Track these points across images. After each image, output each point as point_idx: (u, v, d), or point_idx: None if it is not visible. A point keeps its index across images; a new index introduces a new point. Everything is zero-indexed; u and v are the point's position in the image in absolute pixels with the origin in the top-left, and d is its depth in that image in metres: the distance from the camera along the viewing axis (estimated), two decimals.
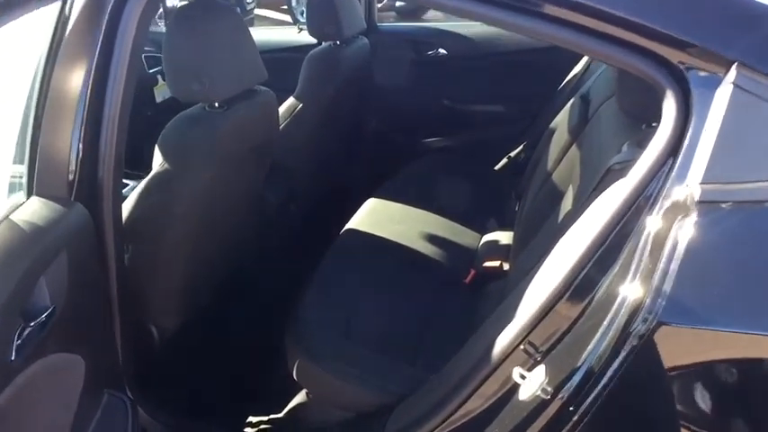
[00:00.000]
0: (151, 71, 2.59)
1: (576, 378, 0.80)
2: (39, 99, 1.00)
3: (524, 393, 0.86)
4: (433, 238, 1.86)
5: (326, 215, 2.10)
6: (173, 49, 1.34)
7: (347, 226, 1.87)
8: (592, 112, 1.41)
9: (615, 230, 0.83)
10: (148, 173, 1.36)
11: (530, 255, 1.37)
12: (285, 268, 1.79)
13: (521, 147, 2.40)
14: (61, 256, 0.95)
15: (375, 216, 1.95)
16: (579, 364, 0.80)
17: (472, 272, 1.71)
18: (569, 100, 1.90)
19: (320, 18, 2.03)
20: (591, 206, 0.93)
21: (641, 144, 0.92)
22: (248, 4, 5.26)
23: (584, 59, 2.14)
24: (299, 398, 1.54)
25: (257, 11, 5.96)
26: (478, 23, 2.37)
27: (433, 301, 1.59)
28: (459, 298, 1.66)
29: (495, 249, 1.81)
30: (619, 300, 0.79)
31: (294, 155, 2.00)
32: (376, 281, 1.62)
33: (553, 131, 1.83)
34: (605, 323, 0.80)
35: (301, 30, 2.62)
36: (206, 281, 1.57)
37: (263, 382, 1.61)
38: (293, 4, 5.61)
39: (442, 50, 2.46)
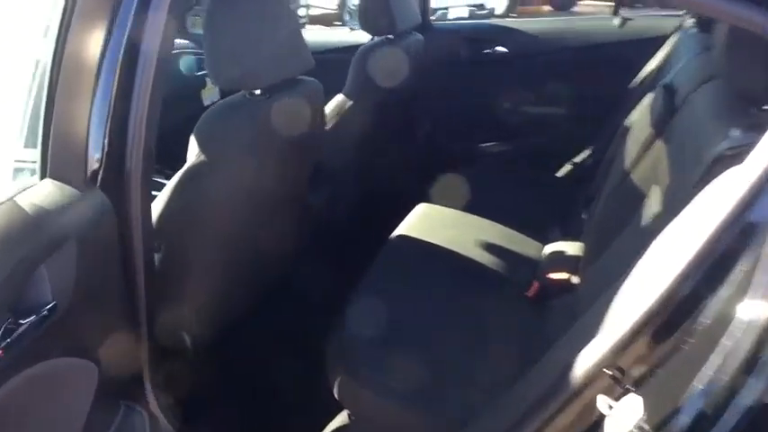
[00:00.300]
0: (199, 73, 2.52)
1: (686, 416, 0.62)
2: (53, 68, 0.88)
3: (613, 427, 0.69)
4: (490, 247, 1.70)
5: (373, 221, 1.96)
6: (213, 31, 1.24)
7: (396, 232, 1.72)
8: (680, 102, 1.23)
9: (734, 227, 0.65)
10: None
11: (606, 266, 1.19)
12: (327, 277, 1.65)
13: (587, 151, 2.21)
14: (68, 245, 0.84)
15: (427, 222, 1.80)
16: (690, 398, 0.63)
17: (535, 284, 1.53)
18: (644, 95, 1.70)
19: (372, 9, 1.91)
20: (695, 201, 0.76)
21: (756, 127, 0.75)
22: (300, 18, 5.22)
23: (664, 51, 1.94)
24: (341, 418, 1.40)
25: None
26: (541, 19, 2.22)
27: (490, 316, 1.42)
28: (521, 313, 1.48)
29: (560, 260, 1.63)
30: (742, 317, 0.62)
31: (341, 156, 1.88)
32: (427, 292, 1.47)
33: (628, 129, 1.64)
34: (724, 347, 0.62)
35: (353, 29, 2.51)
36: (243, 287, 1.45)
37: (302, 399, 1.47)
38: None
39: (500, 48, 2.30)
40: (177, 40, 2.15)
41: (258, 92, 1.28)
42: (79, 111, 0.92)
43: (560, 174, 2.27)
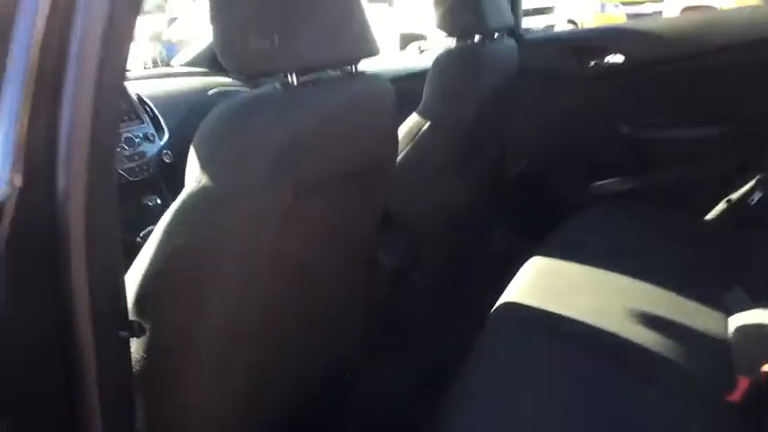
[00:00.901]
0: None
1: None
2: None
3: None
4: (647, 319, 1.13)
5: (463, 286, 1.45)
6: None
7: (505, 298, 1.19)
8: None
9: None
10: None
11: None
12: (406, 367, 1.13)
13: (750, 183, 1.62)
14: None
15: (546, 282, 1.25)
16: None
17: (743, 382, 0.95)
18: None
19: (456, 4, 1.44)
20: None
21: None
22: None
23: None
24: None
25: None
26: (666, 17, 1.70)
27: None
28: (724, 430, 0.90)
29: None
30: None
31: (417, 195, 1.39)
32: (564, 395, 0.92)
33: None
34: None
35: (423, 51, 2.06)
36: (275, 396, 0.95)
37: None
38: None
39: (614, 58, 1.78)
40: None
41: (293, 80, 0.81)
42: None
43: (711, 216, 1.69)
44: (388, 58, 2.42)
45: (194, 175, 0.75)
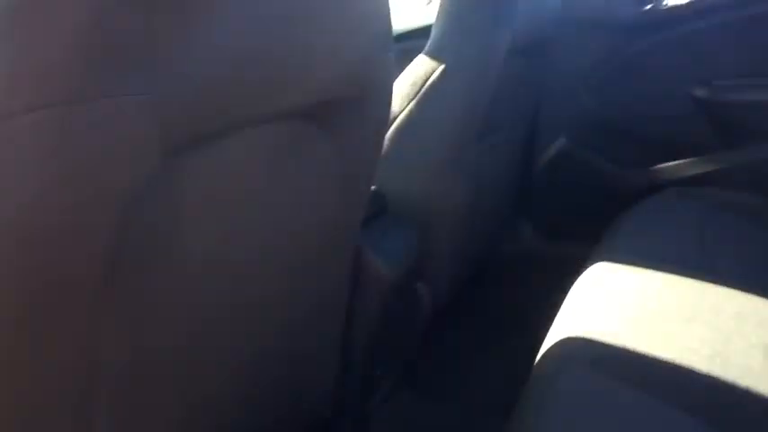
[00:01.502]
0: None
1: None
2: None
3: None
4: (762, 356, 0.70)
5: (485, 303, 1.04)
6: None
7: (559, 328, 0.77)
8: None
9: None
10: None
11: None
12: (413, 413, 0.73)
13: None
14: None
15: (614, 304, 0.82)
16: None
17: None
18: None
19: None
20: None
21: None
22: None
23: None
24: None
25: None
26: None
27: None
28: None
29: None
30: None
31: (422, 175, 0.99)
32: None
33: None
34: None
35: (431, 1, 1.64)
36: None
37: None
38: None
39: None
40: None
41: None
42: None
43: None
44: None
45: None
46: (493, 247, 1.45)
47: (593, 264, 0.95)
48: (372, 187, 0.98)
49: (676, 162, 1.39)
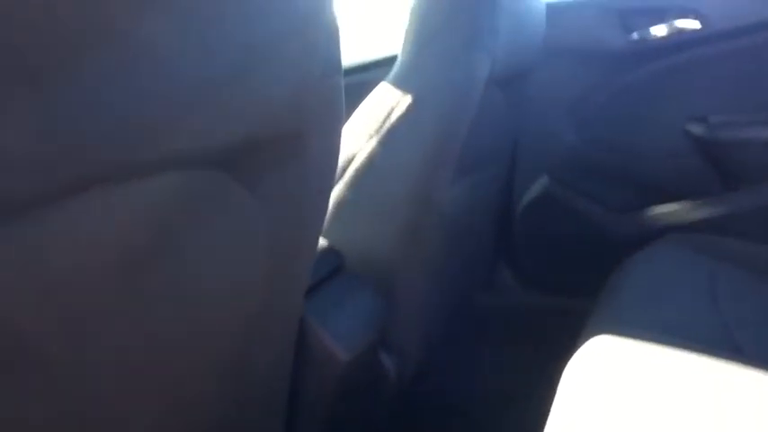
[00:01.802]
0: None
1: None
2: None
3: None
4: None
5: (467, 377, 0.88)
6: None
7: (559, 415, 0.60)
8: None
9: None
10: None
11: None
12: None
13: None
14: None
15: (626, 382, 0.66)
16: None
17: None
18: None
19: None
20: None
21: None
22: None
23: None
24: None
25: None
26: None
27: None
28: None
29: None
30: None
31: (384, 225, 0.83)
32: None
33: None
34: None
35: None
36: None
37: None
38: None
39: (685, 23, 1.22)
40: None
41: None
42: None
43: None
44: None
45: None
46: (469, 300, 1.29)
47: (591, 332, 0.79)
48: (322, 243, 0.82)
49: (672, 205, 1.25)
